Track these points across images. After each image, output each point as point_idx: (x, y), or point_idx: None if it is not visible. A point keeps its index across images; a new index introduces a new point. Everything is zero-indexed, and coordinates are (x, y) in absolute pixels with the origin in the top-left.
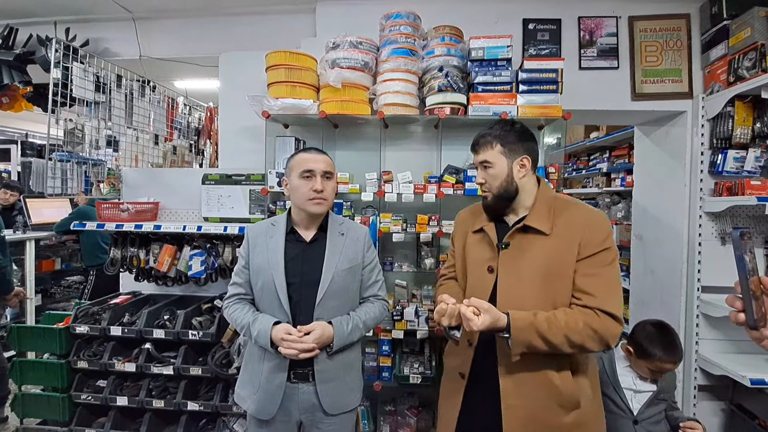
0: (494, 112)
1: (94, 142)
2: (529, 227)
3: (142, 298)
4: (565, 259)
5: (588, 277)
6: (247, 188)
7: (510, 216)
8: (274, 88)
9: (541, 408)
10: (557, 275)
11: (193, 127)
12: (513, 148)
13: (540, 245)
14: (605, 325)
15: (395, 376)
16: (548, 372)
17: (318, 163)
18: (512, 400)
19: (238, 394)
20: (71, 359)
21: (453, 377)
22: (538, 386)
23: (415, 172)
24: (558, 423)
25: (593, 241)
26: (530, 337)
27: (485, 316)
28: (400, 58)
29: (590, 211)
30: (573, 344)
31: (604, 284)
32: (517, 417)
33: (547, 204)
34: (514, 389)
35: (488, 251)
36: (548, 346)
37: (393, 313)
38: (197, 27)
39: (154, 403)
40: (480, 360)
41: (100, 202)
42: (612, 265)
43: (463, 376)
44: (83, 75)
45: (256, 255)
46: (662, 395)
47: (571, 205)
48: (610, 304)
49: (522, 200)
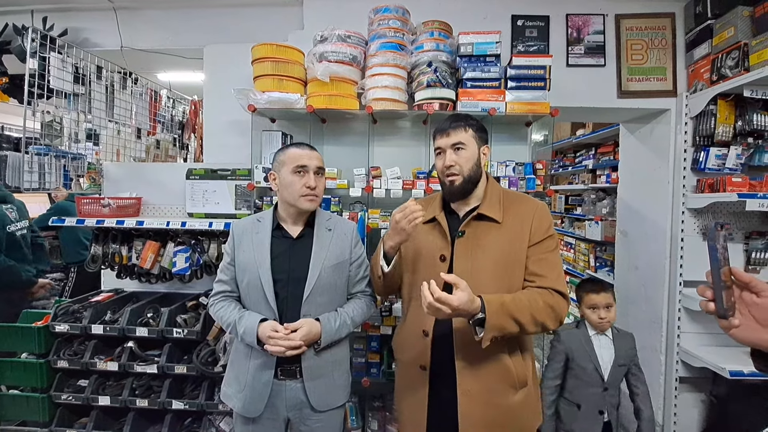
0: (483, 108)
1: (74, 135)
2: (483, 216)
3: (124, 296)
4: (519, 246)
5: (539, 262)
6: (233, 183)
7: (461, 206)
8: (260, 81)
9: (494, 390)
10: (513, 262)
11: (177, 121)
12: (481, 136)
13: (494, 233)
14: (558, 302)
15: (384, 372)
16: (502, 355)
17: (312, 159)
18: (467, 386)
19: (224, 392)
20: (51, 359)
21: (412, 371)
22: (493, 370)
23: (403, 168)
24: (509, 402)
25: (540, 229)
26: (502, 319)
27: (462, 293)
28: (389, 53)
29: (536, 202)
30: (537, 323)
31: (552, 267)
32: (471, 402)
33: (496, 195)
34: (470, 375)
35: (440, 240)
36: (518, 326)
37: (381, 309)
38: (181, 18)
39: (137, 403)
40: (436, 349)
41: (79, 198)
42: (556, 250)
43: (425, 368)
44: (61, 66)
45: (242, 251)
46: (622, 361)
47: (519, 197)
48: (559, 283)
49: (476, 189)
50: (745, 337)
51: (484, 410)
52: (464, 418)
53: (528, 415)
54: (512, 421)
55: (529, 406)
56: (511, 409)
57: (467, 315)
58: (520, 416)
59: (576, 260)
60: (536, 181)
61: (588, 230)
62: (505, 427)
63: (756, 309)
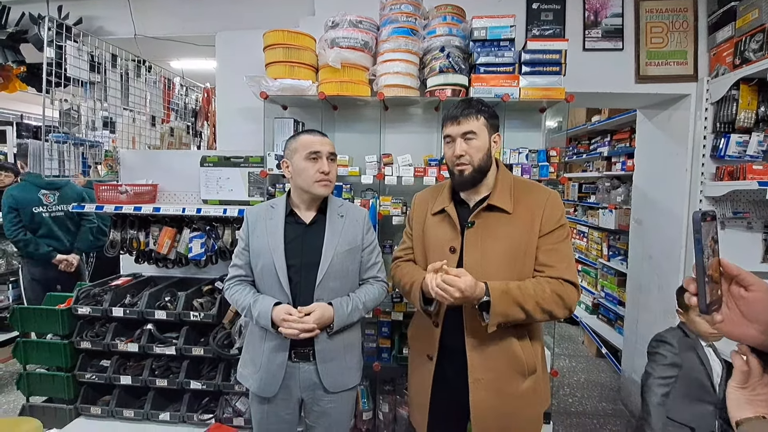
0: (496, 94)
1: (91, 123)
2: (493, 206)
3: (142, 280)
4: (530, 236)
5: (549, 252)
6: (246, 170)
7: (471, 196)
8: (272, 68)
9: (504, 378)
10: (523, 252)
11: (191, 109)
12: (492, 123)
13: (505, 224)
14: (568, 291)
15: (395, 357)
16: (512, 342)
17: (324, 145)
18: (478, 374)
19: (241, 373)
20: (74, 339)
21: (421, 360)
22: (502, 357)
23: (415, 155)
24: (518, 390)
25: (552, 218)
26: (507, 305)
27: (466, 277)
28: (401, 38)
29: (548, 191)
30: (543, 311)
31: (563, 257)
32: (482, 389)
33: (507, 184)
34: (481, 363)
35: (450, 231)
36: (523, 313)
37: (392, 296)
38: (193, 4)
39: (157, 383)
40: (447, 339)
41: (98, 184)
42: (567, 240)
43: (431, 357)
44: (77, 54)
45: (256, 237)
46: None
47: (530, 186)
48: (570, 273)
49: (486, 178)
50: (729, 331)
51: (495, 397)
52: (476, 406)
53: (537, 402)
54: (522, 408)
55: (537, 393)
56: (521, 396)
57: (474, 299)
58: (529, 403)
59: (588, 249)
60: (550, 169)
61: (602, 219)
62: (514, 414)
63: (743, 303)
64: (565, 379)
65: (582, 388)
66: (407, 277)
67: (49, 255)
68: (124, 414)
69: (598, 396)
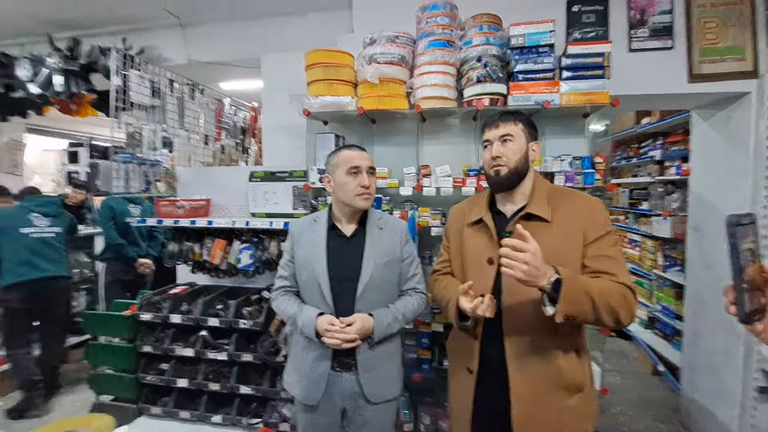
0: (536, 101)
1: (152, 143)
2: (531, 215)
3: (197, 289)
4: (571, 245)
5: (601, 259)
6: (291, 184)
7: (507, 206)
8: (313, 86)
9: (547, 393)
10: (565, 261)
11: (239, 127)
12: (531, 132)
13: (544, 233)
14: (631, 297)
15: (435, 369)
16: (555, 355)
17: (363, 159)
18: (520, 388)
19: (286, 380)
20: (137, 344)
21: (461, 373)
22: (545, 371)
23: (453, 166)
24: (562, 406)
25: (596, 225)
26: (578, 292)
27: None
28: (437, 50)
29: (587, 197)
30: (611, 310)
31: (617, 263)
32: (525, 404)
33: (545, 192)
34: (522, 377)
35: (487, 242)
36: (591, 306)
37: (432, 307)
38: (239, 30)
39: (210, 386)
40: (486, 352)
41: (158, 200)
42: (617, 246)
43: (471, 370)
44: (140, 81)
45: (300, 249)
46: None
47: (568, 193)
48: (629, 280)
49: (523, 186)
50: None
51: (538, 413)
52: (518, 421)
53: (583, 418)
54: (567, 424)
55: (584, 410)
56: (566, 412)
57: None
58: (574, 419)
59: (642, 259)
60: (595, 176)
61: (655, 226)
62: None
63: None
64: (617, 396)
65: (635, 406)
66: (444, 291)
67: (133, 259)
68: (180, 415)
69: (653, 415)
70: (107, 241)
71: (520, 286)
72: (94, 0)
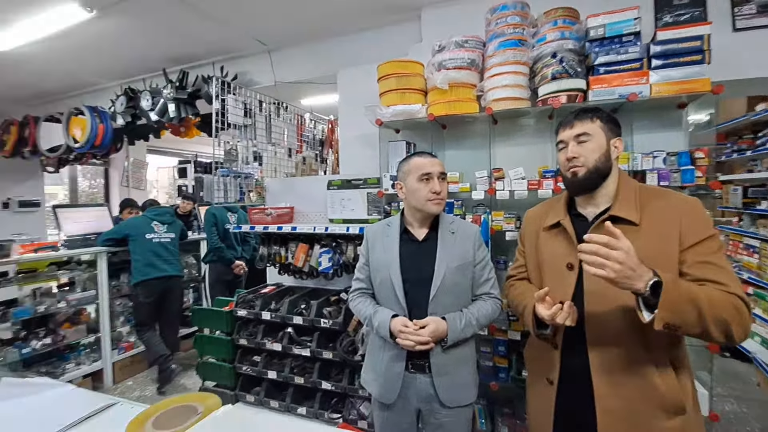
0: (620, 95)
1: (245, 158)
2: (617, 218)
3: (283, 289)
4: (665, 250)
5: (705, 267)
6: (365, 191)
7: (588, 208)
8: (385, 96)
9: (640, 411)
10: (657, 268)
11: (318, 139)
12: (611, 127)
13: (632, 237)
14: (744, 309)
15: (513, 378)
16: (648, 370)
17: (434, 165)
18: (608, 403)
19: (364, 378)
20: (234, 337)
21: (540, 384)
22: (636, 386)
23: (528, 168)
24: (658, 427)
25: (694, 228)
26: (679, 297)
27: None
28: (508, 51)
29: (683, 197)
30: (720, 321)
31: (724, 272)
32: (614, 421)
33: (632, 193)
34: (610, 391)
35: (566, 246)
36: (696, 315)
37: (508, 313)
38: (318, 51)
39: (295, 379)
40: (568, 362)
41: (251, 209)
42: (721, 251)
43: (552, 382)
44: (235, 104)
45: (375, 253)
46: None
47: (660, 193)
48: (740, 290)
49: (606, 187)
50: None
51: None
52: None
53: None
54: None
55: None
56: None
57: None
58: None
59: (762, 267)
60: (695, 173)
61: None
62: None
63: None
64: (733, 426)
65: None
66: (519, 297)
67: (231, 261)
68: (270, 404)
69: None
70: (210, 245)
71: (607, 292)
72: (198, 37)
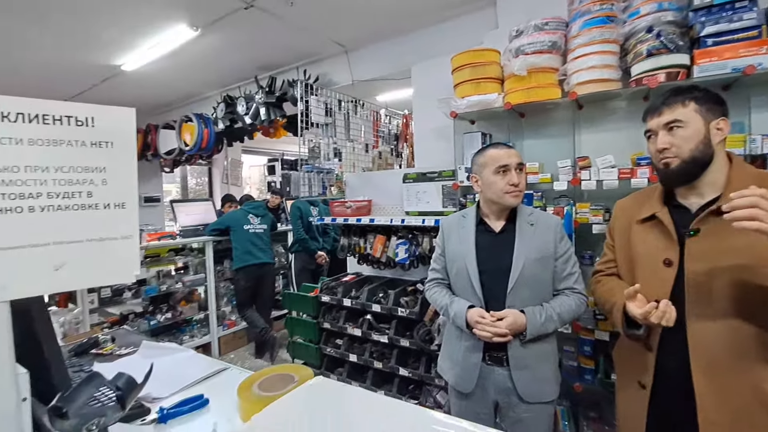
0: (734, 68)
1: (326, 155)
2: None
3: (362, 278)
4: None
5: None
6: (440, 184)
7: (692, 199)
8: (460, 88)
9: (749, 421)
10: None
11: (393, 134)
12: (711, 108)
13: (746, 231)
14: None
15: (600, 381)
16: (760, 375)
17: (511, 157)
18: (712, 414)
19: (440, 366)
20: (319, 320)
21: (631, 387)
22: (747, 394)
23: (619, 155)
24: None
25: None
26: None
27: None
28: (594, 29)
29: None
30: None
31: None
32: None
33: (747, 181)
34: (714, 400)
35: (663, 241)
36: None
37: (595, 311)
38: (393, 48)
39: (375, 364)
40: (664, 365)
41: (332, 202)
42: None
43: (644, 386)
44: (317, 104)
45: (450, 244)
46: None
47: None
48: None
49: (710, 176)
50: None
51: None
52: None
53: None
54: None
55: None
56: None
57: None
58: None
59: None
60: None
61: None
62: None
63: None
64: None
65: None
66: (607, 294)
67: (314, 251)
68: (352, 385)
69: None
70: (296, 236)
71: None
72: (285, 45)
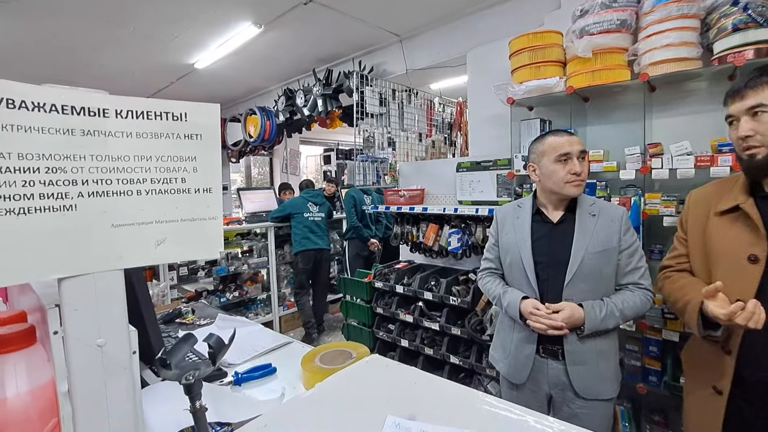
0: None
1: (380, 144)
2: None
3: (414, 266)
4: None
5: None
6: (495, 173)
7: None
8: (517, 73)
9: None
10: None
11: (446, 122)
12: None
13: None
14: None
15: (666, 384)
16: None
17: (573, 144)
18: None
19: (492, 355)
20: (372, 305)
21: (704, 392)
22: None
23: (697, 141)
24: None
25: None
26: None
27: None
28: (672, 4)
29: None
30: None
31: None
32: None
33: None
34: None
35: (748, 235)
36: None
37: (663, 309)
38: (447, 33)
39: (425, 350)
40: (745, 370)
41: (386, 190)
42: None
43: (720, 392)
44: (371, 95)
45: (505, 234)
46: None
47: None
48: None
49: None
50: None
51: None
52: None
53: None
54: None
55: None
56: None
57: None
58: None
59: None
60: None
61: None
62: None
63: None
64: None
65: None
66: (680, 292)
67: (367, 238)
68: None
69: None
70: (350, 224)
71: None
72: (341, 37)
